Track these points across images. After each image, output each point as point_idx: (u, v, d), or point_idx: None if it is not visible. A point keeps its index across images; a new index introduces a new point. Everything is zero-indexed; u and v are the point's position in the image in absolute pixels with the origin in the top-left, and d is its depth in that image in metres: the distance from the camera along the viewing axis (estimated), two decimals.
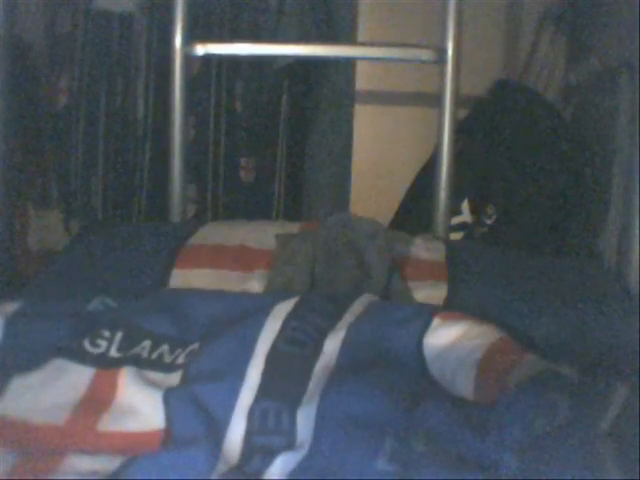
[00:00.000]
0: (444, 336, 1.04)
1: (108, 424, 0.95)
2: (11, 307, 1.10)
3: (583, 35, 2.00)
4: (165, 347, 1.06)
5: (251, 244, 1.40)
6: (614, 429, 0.85)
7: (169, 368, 1.03)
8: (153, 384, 0.99)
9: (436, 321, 1.06)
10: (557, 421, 0.87)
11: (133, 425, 0.95)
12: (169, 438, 0.93)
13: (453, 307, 1.25)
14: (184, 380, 1.01)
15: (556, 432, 0.85)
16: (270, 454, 0.90)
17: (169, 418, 0.95)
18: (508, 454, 0.84)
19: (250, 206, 2.13)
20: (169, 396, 0.97)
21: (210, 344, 1.05)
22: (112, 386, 1.00)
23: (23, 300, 1.13)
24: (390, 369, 1.00)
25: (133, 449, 0.91)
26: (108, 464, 0.88)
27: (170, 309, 1.12)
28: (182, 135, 1.71)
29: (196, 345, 1.05)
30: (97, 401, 0.98)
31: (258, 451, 0.91)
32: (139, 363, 1.03)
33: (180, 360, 1.04)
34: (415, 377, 1.00)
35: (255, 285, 1.28)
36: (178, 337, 1.07)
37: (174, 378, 1.01)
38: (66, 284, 1.34)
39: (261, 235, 1.43)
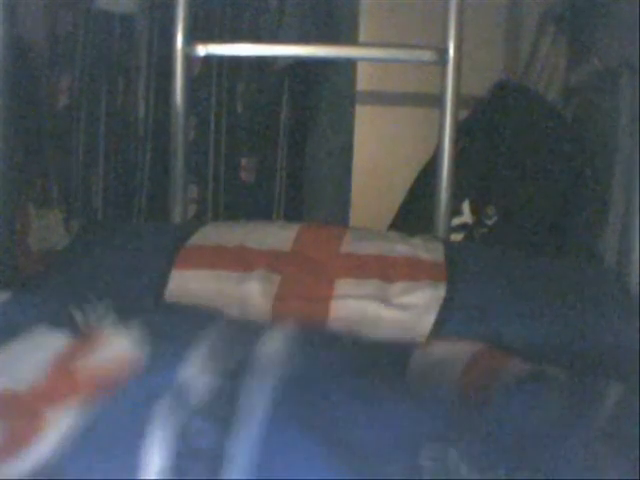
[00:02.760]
0: (426, 361, 1.04)
1: (83, 365, 0.94)
2: (5, 295, 1.11)
3: (584, 35, 2.00)
4: None
5: (251, 245, 1.40)
6: (609, 429, 0.85)
7: None
8: (131, 324, 0.99)
9: (418, 351, 1.07)
10: (549, 424, 0.87)
11: (107, 361, 0.94)
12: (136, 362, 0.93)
13: (452, 307, 1.26)
14: None
15: (548, 435, 0.85)
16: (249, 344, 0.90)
17: (141, 341, 0.95)
18: (503, 456, 0.84)
19: (250, 206, 2.13)
20: (146, 322, 0.98)
21: None
22: (91, 338, 0.99)
23: (18, 291, 1.14)
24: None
25: (107, 382, 0.90)
26: (82, 413, 0.87)
27: (167, 312, 1.13)
28: (183, 135, 1.71)
29: None
30: (74, 352, 0.97)
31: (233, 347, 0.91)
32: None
33: None
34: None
35: (254, 286, 1.28)
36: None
37: None
38: (66, 284, 1.35)
39: (261, 236, 1.43)
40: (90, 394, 0.88)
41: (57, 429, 0.85)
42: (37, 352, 0.98)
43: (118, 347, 0.96)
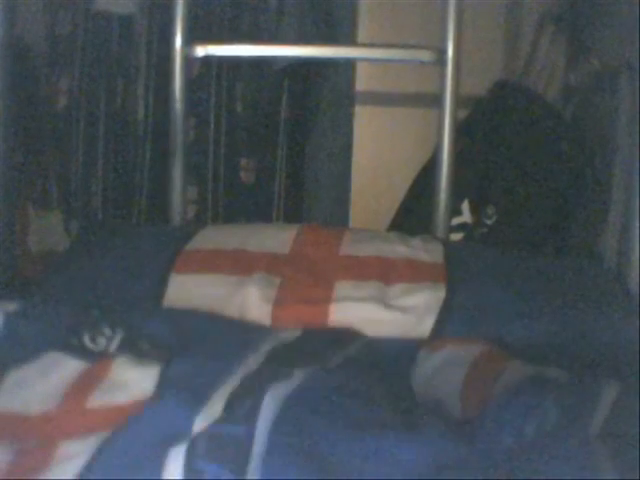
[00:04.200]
0: (428, 366, 1.04)
1: (96, 400, 0.95)
2: (12, 306, 1.11)
3: (583, 35, 2.00)
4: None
5: (250, 247, 1.40)
6: (605, 431, 0.85)
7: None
8: (146, 363, 1.00)
9: (421, 354, 1.07)
10: (547, 426, 0.87)
11: (121, 397, 0.95)
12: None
13: (452, 309, 1.26)
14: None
15: (547, 437, 0.85)
16: (260, 390, 0.89)
17: (161, 381, 0.96)
18: (499, 462, 0.84)
19: (250, 207, 2.13)
20: (169, 365, 0.98)
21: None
22: (105, 369, 1.00)
23: (24, 301, 1.14)
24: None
25: (120, 421, 0.91)
26: (95, 445, 0.88)
27: (171, 321, 1.13)
28: (182, 136, 1.71)
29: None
30: (88, 383, 0.98)
31: (246, 394, 0.91)
32: (137, 354, 1.04)
33: None
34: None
35: (253, 290, 1.28)
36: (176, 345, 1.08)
37: None
38: (67, 287, 1.34)
39: (260, 238, 1.43)
40: (104, 430, 0.89)
41: (69, 462, 0.85)
42: (49, 378, 0.99)
43: (134, 386, 0.96)
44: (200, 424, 0.87)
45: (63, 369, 1.00)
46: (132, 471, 0.83)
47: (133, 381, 0.97)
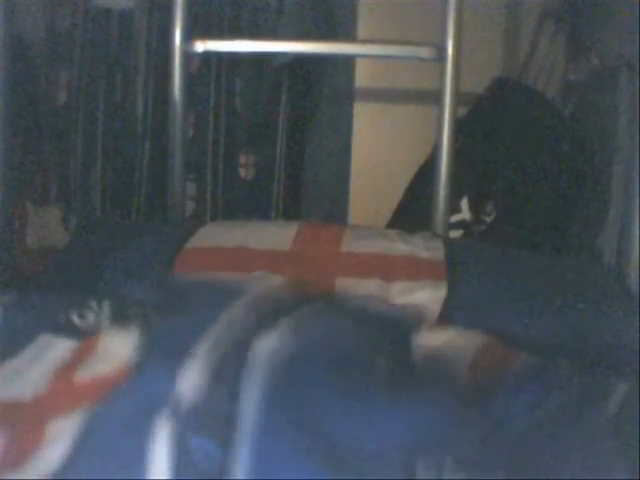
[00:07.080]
0: (432, 338, 1.04)
1: (83, 374, 0.95)
2: (9, 299, 1.11)
3: (583, 34, 2.00)
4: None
5: (250, 245, 1.40)
6: (614, 426, 0.85)
7: None
8: (131, 329, 1.00)
9: (424, 327, 1.07)
10: (554, 421, 0.87)
11: (105, 367, 0.95)
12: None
13: (452, 307, 1.26)
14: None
15: (554, 432, 0.85)
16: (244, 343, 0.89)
17: (142, 344, 0.96)
18: (503, 457, 0.84)
19: (249, 204, 2.13)
20: (150, 326, 0.98)
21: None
22: (92, 343, 1.00)
23: (21, 294, 1.14)
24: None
25: (106, 391, 0.90)
26: (81, 420, 0.88)
27: (159, 285, 1.14)
28: (181, 132, 1.71)
29: None
30: (76, 360, 0.98)
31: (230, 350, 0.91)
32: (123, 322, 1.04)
33: None
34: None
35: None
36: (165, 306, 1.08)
37: None
38: (64, 285, 1.34)
39: (260, 235, 1.43)
40: (90, 404, 0.89)
41: (58, 441, 0.85)
42: (41, 362, 0.99)
43: (117, 354, 0.96)
44: (184, 384, 0.87)
45: (54, 350, 1.00)
46: (119, 448, 0.83)
47: (117, 349, 0.97)
